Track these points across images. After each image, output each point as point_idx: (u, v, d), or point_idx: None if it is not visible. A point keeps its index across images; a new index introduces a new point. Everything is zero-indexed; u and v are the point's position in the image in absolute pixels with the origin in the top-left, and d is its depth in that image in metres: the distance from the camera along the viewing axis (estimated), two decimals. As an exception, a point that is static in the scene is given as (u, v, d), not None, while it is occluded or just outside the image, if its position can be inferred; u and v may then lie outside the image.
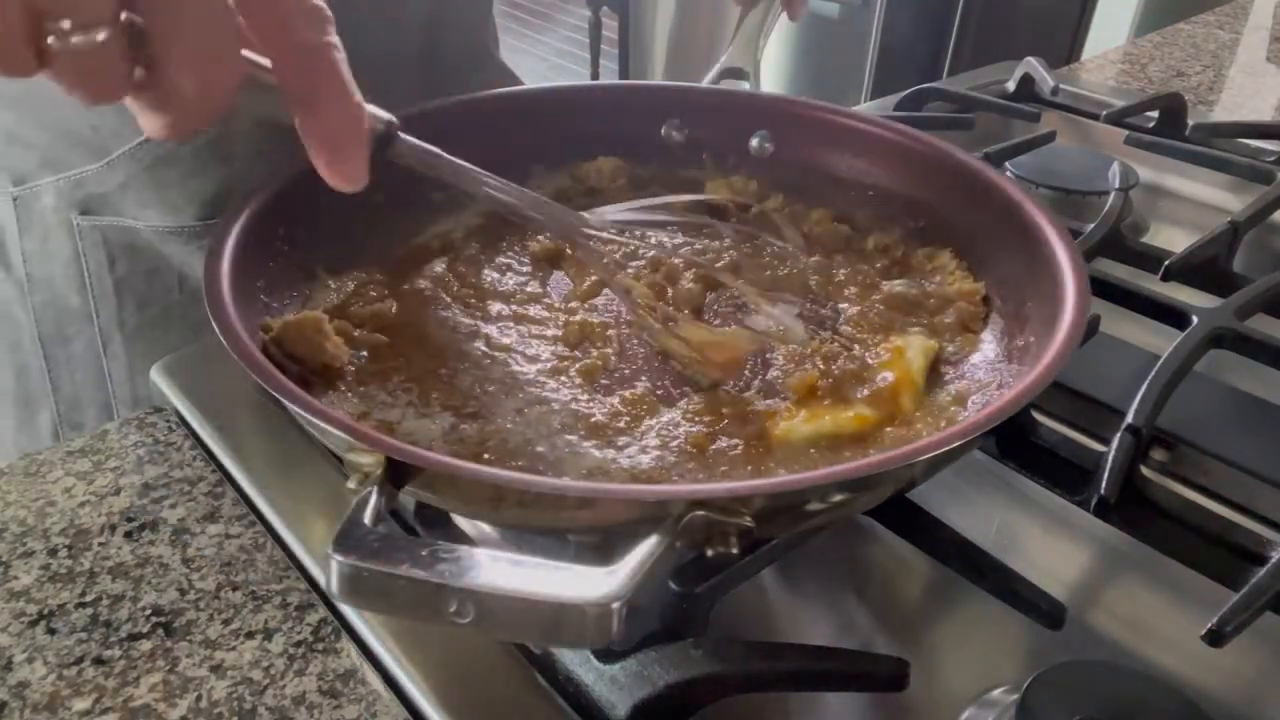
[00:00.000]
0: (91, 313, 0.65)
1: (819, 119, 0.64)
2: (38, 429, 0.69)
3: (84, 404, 0.67)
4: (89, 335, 0.65)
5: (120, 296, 0.64)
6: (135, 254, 0.63)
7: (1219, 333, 0.55)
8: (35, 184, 0.63)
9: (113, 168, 0.61)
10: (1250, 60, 1.20)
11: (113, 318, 0.65)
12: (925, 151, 0.60)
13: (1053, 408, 0.55)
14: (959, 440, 0.36)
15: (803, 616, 0.45)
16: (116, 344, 0.65)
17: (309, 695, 0.39)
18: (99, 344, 0.65)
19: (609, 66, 2.62)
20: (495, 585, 0.29)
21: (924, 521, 0.45)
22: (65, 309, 0.65)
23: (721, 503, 0.32)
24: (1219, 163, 0.80)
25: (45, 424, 0.69)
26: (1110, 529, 0.47)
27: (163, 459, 0.51)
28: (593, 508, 0.36)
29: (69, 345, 0.66)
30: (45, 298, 0.65)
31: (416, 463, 0.34)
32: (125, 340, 0.65)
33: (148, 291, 0.64)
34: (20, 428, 0.69)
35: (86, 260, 0.64)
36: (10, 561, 0.44)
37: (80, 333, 0.65)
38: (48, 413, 0.68)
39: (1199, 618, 0.38)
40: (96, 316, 0.65)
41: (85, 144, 0.61)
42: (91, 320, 0.65)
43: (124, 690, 0.39)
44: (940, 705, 0.40)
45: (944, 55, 2.13)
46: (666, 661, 0.36)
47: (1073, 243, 0.48)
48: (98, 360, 0.66)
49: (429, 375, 0.48)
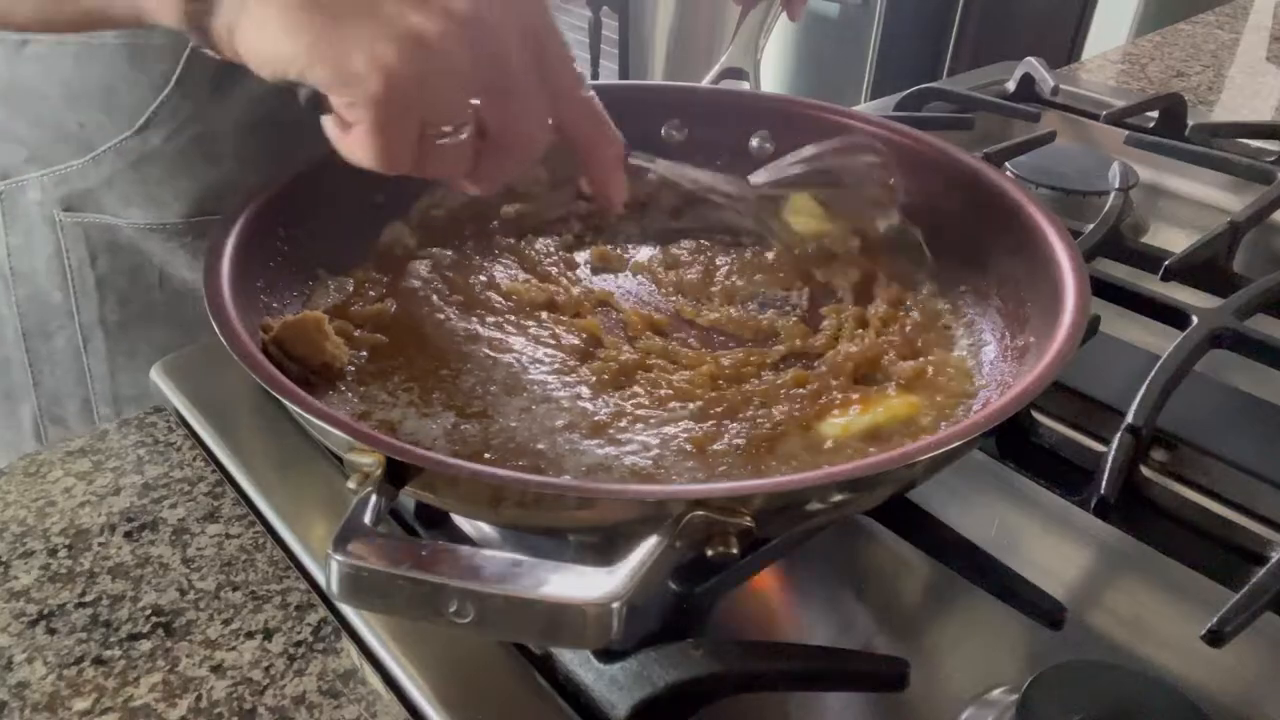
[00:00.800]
0: (73, 309, 0.65)
1: (819, 119, 0.63)
2: (19, 422, 0.69)
3: (64, 399, 0.68)
4: (70, 331, 0.66)
5: (101, 293, 0.65)
6: (117, 251, 0.64)
7: (1219, 333, 0.55)
8: (21, 179, 0.63)
9: (97, 164, 0.61)
10: (1250, 60, 1.20)
11: (94, 314, 0.65)
12: (925, 152, 0.60)
13: (1053, 408, 0.55)
14: (959, 440, 0.36)
15: (803, 616, 0.45)
16: (97, 340, 0.66)
17: (309, 695, 0.39)
18: (79, 340, 0.66)
19: (609, 66, 2.62)
20: (495, 585, 0.29)
21: (924, 521, 0.44)
22: (47, 304, 0.65)
23: (721, 503, 0.32)
24: (1219, 163, 0.80)
25: (27, 417, 0.69)
26: (1110, 529, 0.47)
27: (163, 459, 0.51)
28: (593, 508, 0.36)
29: (50, 340, 0.66)
30: (28, 292, 0.66)
31: (416, 463, 0.34)
32: (106, 336, 0.66)
33: (129, 289, 0.65)
34: (3, 421, 0.70)
35: (69, 256, 0.64)
36: (10, 561, 0.44)
37: (62, 328, 0.66)
38: (29, 406, 0.69)
39: (1199, 618, 0.38)
40: (78, 312, 0.65)
41: (71, 140, 0.61)
42: (73, 316, 0.65)
43: (124, 690, 0.39)
44: (940, 705, 0.40)
45: (944, 55, 2.13)
46: (666, 661, 0.36)
47: (1073, 243, 0.48)
48: (78, 356, 0.66)
49: (429, 374, 0.48)
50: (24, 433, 0.69)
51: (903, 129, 0.61)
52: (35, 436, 0.69)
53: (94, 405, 0.68)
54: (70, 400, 0.68)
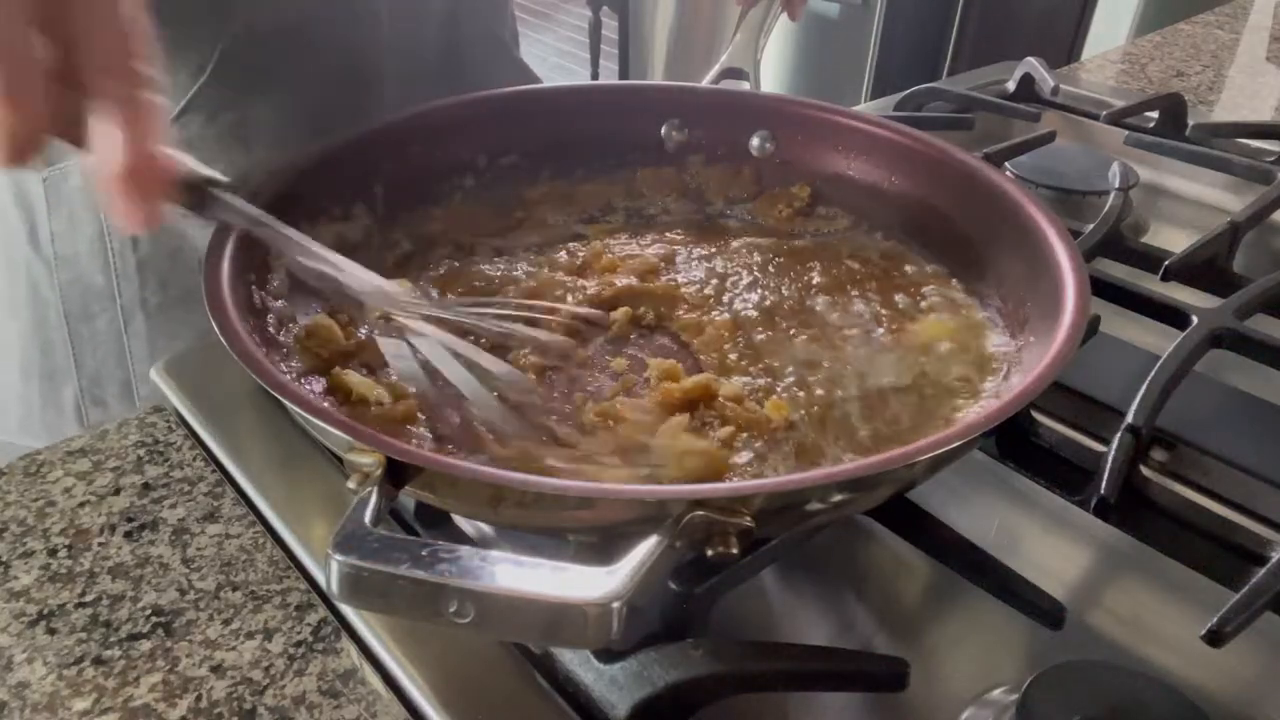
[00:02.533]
0: (114, 292, 0.66)
1: (819, 119, 0.64)
2: (62, 404, 0.70)
3: (105, 381, 0.69)
4: (111, 314, 0.67)
5: (142, 276, 0.66)
6: (157, 235, 0.65)
7: (1219, 333, 0.55)
8: (64, 165, 0.64)
9: None
10: (1250, 60, 1.20)
11: (135, 297, 0.66)
12: (925, 152, 0.60)
13: (1053, 408, 0.55)
14: (959, 440, 0.36)
15: (803, 616, 0.45)
16: (138, 323, 0.67)
17: (309, 695, 0.39)
18: (120, 322, 0.67)
19: (609, 66, 2.62)
20: (495, 585, 0.29)
21: (924, 521, 0.44)
22: (89, 287, 0.67)
23: (721, 503, 0.32)
24: (1219, 163, 0.80)
25: (69, 399, 0.70)
26: (1110, 529, 0.47)
27: (163, 459, 0.51)
28: (593, 508, 0.36)
29: (93, 323, 0.68)
30: (71, 276, 0.67)
31: (416, 463, 0.34)
32: (147, 319, 0.67)
33: (169, 272, 0.66)
34: (46, 403, 0.71)
35: (110, 240, 0.65)
36: (10, 561, 0.44)
37: (103, 311, 0.67)
38: (71, 388, 0.70)
39: (1199, 618, 0.38)
40: (119, 295, 0.66)
41: None
42: (114, 299, 0.66)
43: (124, 690, 0.39)
44: (940, 705, 0.40)
45: (944, 55, 2.13)
46: (666, 661, 0.36)
47: (1073, 243, 0.48)
48: (119, 338, 0.67)
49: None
50: (66, 415, 0.70)
51: (903, 129, 0.61)
52: (77, 418, 0.70)
53: (135, 387, 0.69)
54: (111, 382, 0.69)
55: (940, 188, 0.59)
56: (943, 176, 0.58)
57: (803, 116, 0.64)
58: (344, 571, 0.30)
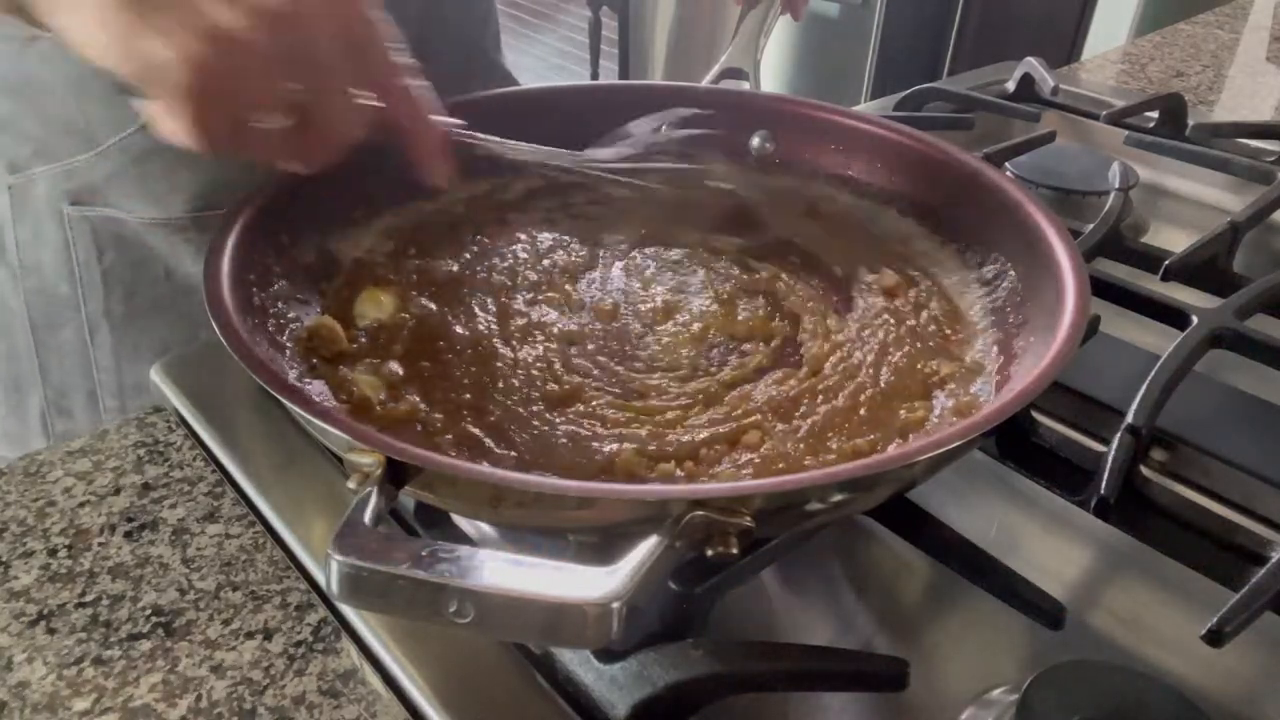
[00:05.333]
0: (79, 301, 0.66)
1: (819, 119, 0.64)
2: (27, 413, 0.70)
3: (71, 391, 0.68)
4: (77, 323, 0.66)
5: (108, 286, 0.65)
6: (123, 245, 0.64)
7: (1219, 333, 0.55)
8: (29, 173, 0.64)
9: (103, 157, 0.62)
10: (1250, 60, 1.20)
11: (100, 307, 0.66)
12: (925, 151, 0.60)
13: (1053, 408, 0.55)
14: (959, 440, 0.36)
15: (803, 616, 0.45)
16: (103, 333, 0.66)
17: (309, 695, 0.39)
18: (86, 332, 0.66)
19: (609, 67, 2.62)
20: (495, 585, 0.29)
21: (924, 521, 0.44)
22: (55, 297, 0.66)
23: (721, 503, 0.32)
24: (1219, 163, 0.80)
25: (34, 409, 0.70)
26: (1110, 529, 0.47)
27: (163, 459, 0.51)
28: (593, 508, 0.36)
29: (58, 333, 0.67)
30: (36, 285, 0.66)
31: (416, 463, 0.34)
32: (112, 329, 0.66)
33: (134, 282, 0.65)
34: (10, 412, 0.71)
35: (75, 250, 0.64)
36: (10, 561, 0.44)
37: (69, 321, 0.66)
38: (36, 398, 0.69)
39: (1199, 618, 0.38)
40: (84, 305, 0.66)
41: (77, 133, 0.62)
42: (79, 309, 0.66)
43: (124, 690, 0.39)
44: (940, 705, 0.40)
45: (944, 55, 2.13)
46: (666, 661, 0.36)
47: (1073, 243, 0.48)
48: (85, 348, 0.67)
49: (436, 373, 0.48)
50: (31, 425, 0.70)
51: (903, 129, 0.61)
52: (42, 428, 0.70)
53: (100, 397, 0.68)
54: (76, 393, 0.68)
55: (940, 188, 0.59)
56: (943, 177, 0.58)
57: (803, 116, 0.64)
58: (344, 571, 0.30)
